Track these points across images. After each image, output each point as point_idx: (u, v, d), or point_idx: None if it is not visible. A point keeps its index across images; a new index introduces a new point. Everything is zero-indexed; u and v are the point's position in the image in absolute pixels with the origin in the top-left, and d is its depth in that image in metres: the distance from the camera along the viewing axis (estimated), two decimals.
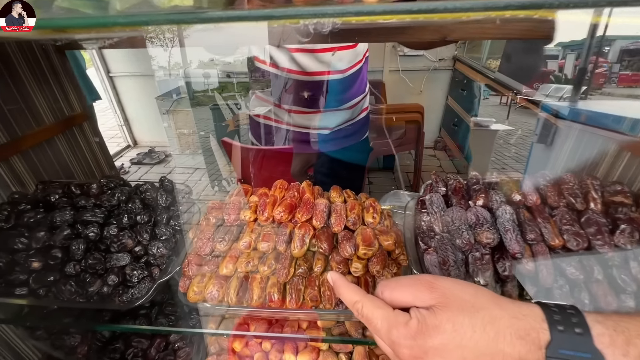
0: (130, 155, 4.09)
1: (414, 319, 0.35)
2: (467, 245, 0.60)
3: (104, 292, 0.68)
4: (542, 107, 2.21)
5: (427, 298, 0.36)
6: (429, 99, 3.64)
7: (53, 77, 1.02)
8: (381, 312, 0.37)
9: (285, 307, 0.63)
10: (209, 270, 0.67)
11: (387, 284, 0.40)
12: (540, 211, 0.64)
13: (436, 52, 3.47)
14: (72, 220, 0.71)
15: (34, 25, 0.38)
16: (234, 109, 3.18)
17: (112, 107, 4.13)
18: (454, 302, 0.34)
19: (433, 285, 0.36)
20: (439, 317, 0.33)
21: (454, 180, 0.73)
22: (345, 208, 0.72)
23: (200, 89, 3.41)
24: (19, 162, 0.91)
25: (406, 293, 0.37)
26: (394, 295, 0.38)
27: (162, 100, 3.58)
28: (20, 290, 0.67)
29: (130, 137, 4.33)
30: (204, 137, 3.60)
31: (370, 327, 0.38)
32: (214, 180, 3.51)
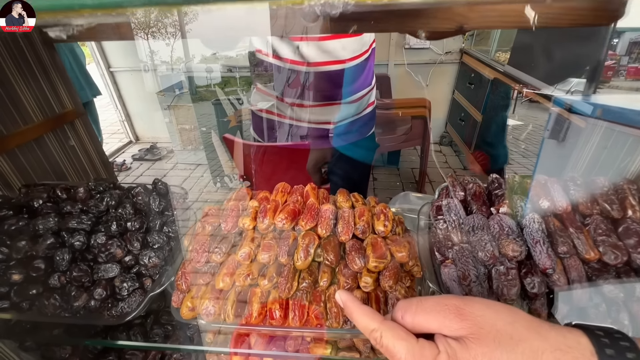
0: (132, 151, 4.05)
1: (444, 353, 0.30)
2: (491, 259, 0.54)
3: (91, 306, 0.62)
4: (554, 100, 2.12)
5: (456, 327, 0.31)
6: (434, 93, 3.54)
7: (41, 72, 0.96)
8: (405, 344, 0.32)
9: (287, 324, 0.57)
10: (203, 284, 0.61)
11: (408, 307, 0.35)
12: (571, 220, 0.57)
13: (443, 45, 3.37)
14: (56, 228, 0.66)
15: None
16: (235, 104, 3.12)
17: (114, 103, 4.08)
18: (488, 333, 0.30)
19: (463, 312, 0.32)
20: (472, 353, 0.29)
21: (474, 184, 0.66)
22: (354, 214, 0.65)
23: (202, 83, 3.35)
24: (4, 163, 0.85)
25: (431, 319, 0.33)
26: (416, 321, 0.34)
27: (163, 95, 3.52)
28: (2, 304, 0.62)
29: (132, 133, 4.28)
30: (205, 133, 3.55)
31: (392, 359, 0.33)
32: (216, 176, 3.47)
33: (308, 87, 1.09)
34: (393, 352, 0.33)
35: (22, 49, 0.90)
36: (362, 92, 1.19)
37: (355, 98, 1.16)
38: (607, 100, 1.83)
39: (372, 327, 0.35)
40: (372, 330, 0.35)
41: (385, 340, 0.33)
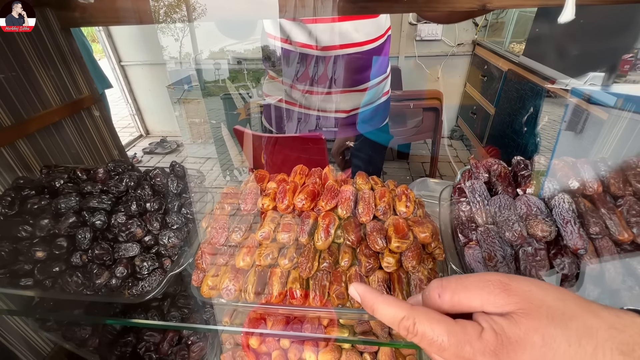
0: (142, 145, 4.10)
1: (489, 330, 0.28)
2: (519, 239, 0.52)
3: (112, 284, 0.63)
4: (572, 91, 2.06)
5: (502, 303, 0.29)
6: (446, 86, 3.48)
7: (59, 58, 0.97)
8: (444, 326, 0.29)
9: (308, 304, 0.57)
10: (223, 263, 0.61)
11: (447, 285, 0.32)
12: (603, 201, 0.55)
13: (455, 36, 3.31)
14: (77, 207, 0.66)
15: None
16: (245, 97, 3.12)
17: (124, 97, 4.12)
18: (539, 308, 0.28)
19: (509, 288, 0.29)
20: (522, 328, 0.27)
21: (498, 164, 0.65)
22: (374, 196, 0.64)
23: (211, 77, 3.36)
24: (24, 146, 0.86)
25: (473, 296, 0.30)
26: (455, 299, 0.31)
27: (173, 89, 3.54)
28: (26, 281, 0.63)
29: (143, 126, 4.32)
30: (215, 126, 3.56)
31: (432, 348, 0.30)
32: (225, 169, 3.48)
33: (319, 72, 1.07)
34: (431, 337, 0.29)
35: (42, 35, 0.91)
36: (377, 80, 1.16)
37: (368, 86, 1.14)
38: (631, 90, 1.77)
39: (402, 315, 0.31)
40: (402, 319, 0.31)
41: (420, 327, 0.30)
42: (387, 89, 1.26)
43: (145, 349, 0.81)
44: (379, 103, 1.23)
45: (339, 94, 1.13)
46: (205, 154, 3.91)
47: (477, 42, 3.25)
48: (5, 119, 0.82)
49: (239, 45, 3.30)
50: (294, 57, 1.07)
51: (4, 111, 0.82)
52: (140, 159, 3.75)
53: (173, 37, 3.24)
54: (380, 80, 1.18)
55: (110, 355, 0.81)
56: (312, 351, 0.75)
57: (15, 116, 0.84)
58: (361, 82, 1.12)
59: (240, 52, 3.29)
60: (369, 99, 1.18)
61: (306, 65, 1.08)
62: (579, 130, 2.00)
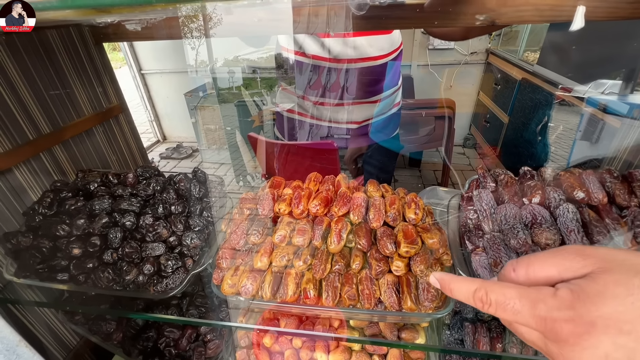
0: (159, 150, 4.23)
1: (564, 288, 0.27)
2: (524, 246, 0.54)
3: (139, 281, 0.68)
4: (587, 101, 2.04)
5: (579, 266, 0.28)
6: (458, 95, 3.49)
7: (92, 69, 1.05)
8: (515, 290, 0.29)
9: (320, 304, 0.60)
10: (242, 263, 0.65)
11: (520, 260, 0.32)
12: (607, 211, 0.57)
13: (468, 45, 3.32)
14: (109, 209, 0.72)
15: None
16: (259, 104, 3.20)
17: (143, 104, 4.29)
18: (620, 265, 0.27)
19: (584, 252, 0.29)
20: (600, 282, 0.26)
21: (505, 175, 0.67)
22: (384, 203, 0.68)
23: (226, 85, 3.46)
24: (60, 152, 0.94)
25: (548, 265, 0.30)
26: (530, 271, 0.30)
27: (190, 96, 3.67)
28: (62, 276, 0.69)
29: (160, 132, 4.47)
30: (229, 133, 3.65)
31: (506, 313, 0.30)
32: (238, 175, 3.56)
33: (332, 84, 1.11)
34: (504, 302, 0.29)
35: (78, 50, 0.99)
36: (388, 92, 1.19)
37: (380, 98, 1.17)
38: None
39: (475, 287, 0.31)
40: (475, 290, 0.31)
41: (492, 295, 0.30)
42: (399, 100, 1.29)
43: (165, 344, 0.85)
44: (391, 114, 1.27)
45: (351, 106, 1.17)
46: (220, 159, 4.01)
47: (491, 50, 3.26)
48: (44, 127, 0.90)
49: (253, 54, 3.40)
50: (306, 68, 1.11)
51: (43, 119, 0.89)
52: (157, 164, 3.88)
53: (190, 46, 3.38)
54: (392, 92, 1.22)
55: (132, 349, 0.86)
56: (323, 351, 0.78)
57: (53, 124, 0.92)
58: (373, 94, 1.16)
59: (254, 60, 3.39)
60: (380, 110, 1.22)
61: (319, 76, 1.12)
62: (594, 140, 1.98)
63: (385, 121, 1.24)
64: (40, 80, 0.88)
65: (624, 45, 1.91)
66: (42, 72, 0.88)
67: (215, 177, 0.88)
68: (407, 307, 0.57)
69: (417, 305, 0.57)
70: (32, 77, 0.86)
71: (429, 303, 0.57)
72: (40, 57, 0.88)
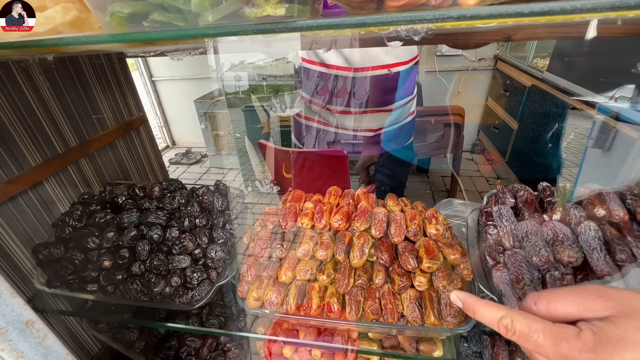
0: (169, 155, 4.29)
1: (587, 330, 0.29)
2: (546, 264, 0.55)
3: (166, 292, 0.70)
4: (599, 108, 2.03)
5: (599, 308, 0.30)
6: (467, 101, 3.49)
7: (115, 84, 1.08)
8: (540, 324, 0.31)
9: (344, 317, 0.62)
10: (266, 276, 0.67)
11: (541, 295, 0.33)
12: (629, 229, 0.58)
13: (476, 51, 3.33)
14: (137, 222, 0.75)
15: (126, 39, 0.39)
16: (267, 110, 3.24)
17: (154, 110, 4.36)
18: (639, 311, 0.28)
19: (605, 294, 0.30)
20: (621, 327, 0.27)
21: (524, 191, 0.68)
22: (405, 218, 0.69)
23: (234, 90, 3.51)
24: (86, 165, 0.97)
25: (569, 303, 0.31)
26: (552, 307, 0.32)
27: (200, 103, 3.73)
28: (92, 287, 0.71)
29: (170, 138, 4.54)
30: (238, 139, 3.70)
31: (529, 344, 0.31)
32: (247, 180, 3.60)
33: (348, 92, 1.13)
34: (528, 334, 0.30)
35: (103, 64, 1.03)
36: (404, 101, 1.21)
37: (396, 106, 1.19)
38: None
39: (501, 315, 0.33)
40: (501, 318, 0.33)
41: (517, 325, 0.31)
42: (413, 109, 1.31)
43: (187, 353, 0.87)
44: (405, 122, 1.28)
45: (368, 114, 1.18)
46: (228, 164, 4.06)
47: (499, 57, 3.26)
48: (72, 140, 0.93)
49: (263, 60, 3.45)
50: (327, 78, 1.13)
51: (71, 133, 0.93)
52: (167, 169, 3.94)
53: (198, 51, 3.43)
54: (407, 101, 1.23)
55: (155, 358, 0.88)
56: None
57: (80, 137, 0.95)
58: (389, 103, 1.18)
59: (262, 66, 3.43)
60: (394, 119, 1.23)
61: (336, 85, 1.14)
62: (606, 148, 1.97)
63: (399, 129, 1.26)
64: (68, 95, 0.91)
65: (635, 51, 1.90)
66: (70, 87, 0.92)
67: (236, 189, 0.90)
68: (430, 322, 0.58)
69: (439, 321, 0.58)
70: (61, 92, 0.90)
71: (452, 318, 0.58)
72: (69, 73, 0.92)
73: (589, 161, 2.13)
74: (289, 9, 0.35)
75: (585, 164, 2.18)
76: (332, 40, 0.85)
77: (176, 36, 0.39)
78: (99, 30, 0.41)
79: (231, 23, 0.38)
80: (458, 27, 0.35)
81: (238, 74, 3.45)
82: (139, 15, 0.39)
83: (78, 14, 0.42)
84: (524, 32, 0.76)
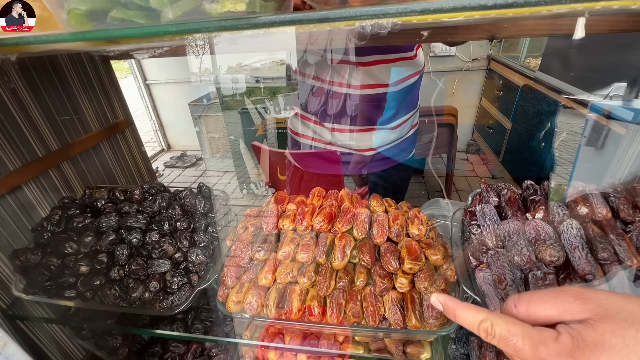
0: (164, 159, 4.27)
1: (565, 334, 0.29)
2: (528, 263, 0.54)
3: (146, 297, 0.68)
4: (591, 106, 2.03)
5: (577, 310, 0.29)
6: (461, 101, 3.50)
7: (99, 85, 1.07)
8: (519, 328, 0.30)
9: (325, 321, 0.60)
10: (247, 280, 0.66)
11: (521, 297, 0.33)
12: (612, 227, 0.57)
13: (469, 52, 3.34)
14: (116, 226, 0.73)
15: (87, 37, 0.38)
16: (262, 112, 3.23)
17: (148, 113, 4.34)
18: (617, 313, 0.28)
19: (584, 296, 0.30)
20: (599, 331, 0.27)
21: (508, 189, 0.67)
22: (388, 218, 0.68)
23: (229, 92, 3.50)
24: (68, 168, 0.95)
25: (548, 305, 0.31)
26: (531, 309, 0.32)
27: (194, 106, 3.72)
28: (70, 293, 0.70)
29: (164, 141, 4.52)
30: (233, 141, 3.69)
31: (508, 348, 0.31)
32: (242, 182, 3.58)
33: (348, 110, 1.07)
34: (507, 338, 0.30)
35: (85, 66, 1.01)
36: (407, 116, 1.15)
37: (398, 123, 1.13)
38: None
39: (481, 318, 0.33)
40: (481, 321, 0.32)
41: (497, 329, 0.31)
42: (416, 121, 1.24)
43: (171, 359, 0.86)
44: (407, 137, 1.21)
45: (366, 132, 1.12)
46: (223, 167, 4.04)
47: (492, 57, 3.27)
48: (53, 144, 0.92)
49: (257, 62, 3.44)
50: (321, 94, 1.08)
51: (52, 136, 0.91)
52: (162, 173, 3.92)
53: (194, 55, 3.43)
54: (410, 116, 1.17)
55: None
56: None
57: (62, 140, 0.94)
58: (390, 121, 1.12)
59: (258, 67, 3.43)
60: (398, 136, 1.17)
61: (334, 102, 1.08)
62: (599, 146, 1.97)
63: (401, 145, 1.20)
64: (48, 97, 0.90)
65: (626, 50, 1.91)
66: (50, 89, 0.91)
67: (219, 191, 0.89)
68: (412, 325, 0.57)
69: (421, 323, 0.57)
70: (41, 94, 0.88)
71: (434, 320, 0.57)
72: (49, 75, 0.90)
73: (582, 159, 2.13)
74: (249, 4, 0.34)
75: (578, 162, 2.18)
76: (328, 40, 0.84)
77: (137, 34, 0.38)
78: (62, 29, 0.40)
79: (193, 19, 0.37)
80: (425, 22, 0.35)
81: (235, 77, 3.44)
82: (99, 12, 0.38)
83: (40, 12, 0.41)
84: (507, 29, 0.76)
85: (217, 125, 3.86)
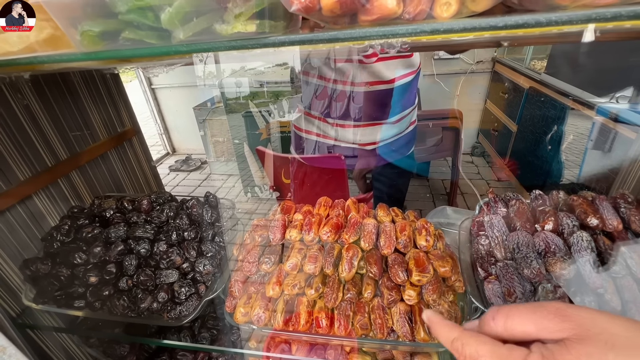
0: (169, 162, 4.31)
1: (536, 354, 0.27)
2: (538, 276, 0.54)
3: (154, 308, 0.69)
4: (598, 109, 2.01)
5: (556, 329, 0.28)
6: (465, 104, 3.49)
7: (107, 94, 1.08)
8: (489, 348, 0.29)
9: (333, 333, 0.60)
10: (254, 291, 0.66)
11: (500, 310, 0.32)
12: (623, 238, 0.56)
13: (474, 54, 3.32)
14: (125, 236, 0.74)
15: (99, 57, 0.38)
16: (266, 116, 3.24)
17: (153, 117, 4.38)
18: (597, 335, 0.26)
19: (565, 313, 0.28)
20: (574, 353, 0.25)
21: (516, 200, 0.67)
22: (395, 229, 0.68)
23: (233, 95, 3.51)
24: (77, 177, 0.97)
25: (526, 320, 0.30)
26: (509, 324, 0.31)
27: (199, 109, 3.74)
28: (79, 303, 0.70)
29: (170, 145, 4.56)
30: (237, 145, 3.70)
31: None
32: (246, 186, 3.59)
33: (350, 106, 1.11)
34: (477, 358, 0.30)
35: (94, 77, 1.03)
36: (405, 112, 1.19)
37: (397, 118, 1.17)
38: None
39: (453, 337, 0.32)
40: (454, 340, 0.32)
41: (467, 348, 0.31)
42: (414, 118, 1.28)
43: None
44: (407, 133, 1.26)
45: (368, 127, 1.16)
46: (227, 170, 4.06)
47: (497, 59, 3.25)
48: (62, 153, 0.93)
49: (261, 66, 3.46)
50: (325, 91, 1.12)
51: (61, 145, 0.93)
52: (167, 176, 3.95)
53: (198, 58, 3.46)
54: (408, 112, 1.21)
55: None
56: None
57: (70, 150, 0.95)
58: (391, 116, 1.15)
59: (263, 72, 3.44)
60: (397, 131, 1.21)
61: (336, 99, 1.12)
62: (606, 149, 1.95)
63: (400, 140, 1.24)
64: (59, 109, 0.91)
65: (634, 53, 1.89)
66: (60, 102, 0.92)
67: (226, 200, 0.89)
68: (421, 338, 0.57)
69: (430, 336, 0.57)
70: (52, 106, 0.89)
71: None
72: (60, 88, 0.92)
73: (589, 163, 2.11)
74: (259, 26, 0.34)
75: (585, 166, 2.15)
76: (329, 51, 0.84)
77: (149, 54, 0.38)
78: (75, 48, 0.41)
79: (204, 40, 0.37)
80: (434, 41, 0.35)
81: (239, 80, 3.45)
82: (111, 33, 0.39)
83: (53, 31, 0.42)
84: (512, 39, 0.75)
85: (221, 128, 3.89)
